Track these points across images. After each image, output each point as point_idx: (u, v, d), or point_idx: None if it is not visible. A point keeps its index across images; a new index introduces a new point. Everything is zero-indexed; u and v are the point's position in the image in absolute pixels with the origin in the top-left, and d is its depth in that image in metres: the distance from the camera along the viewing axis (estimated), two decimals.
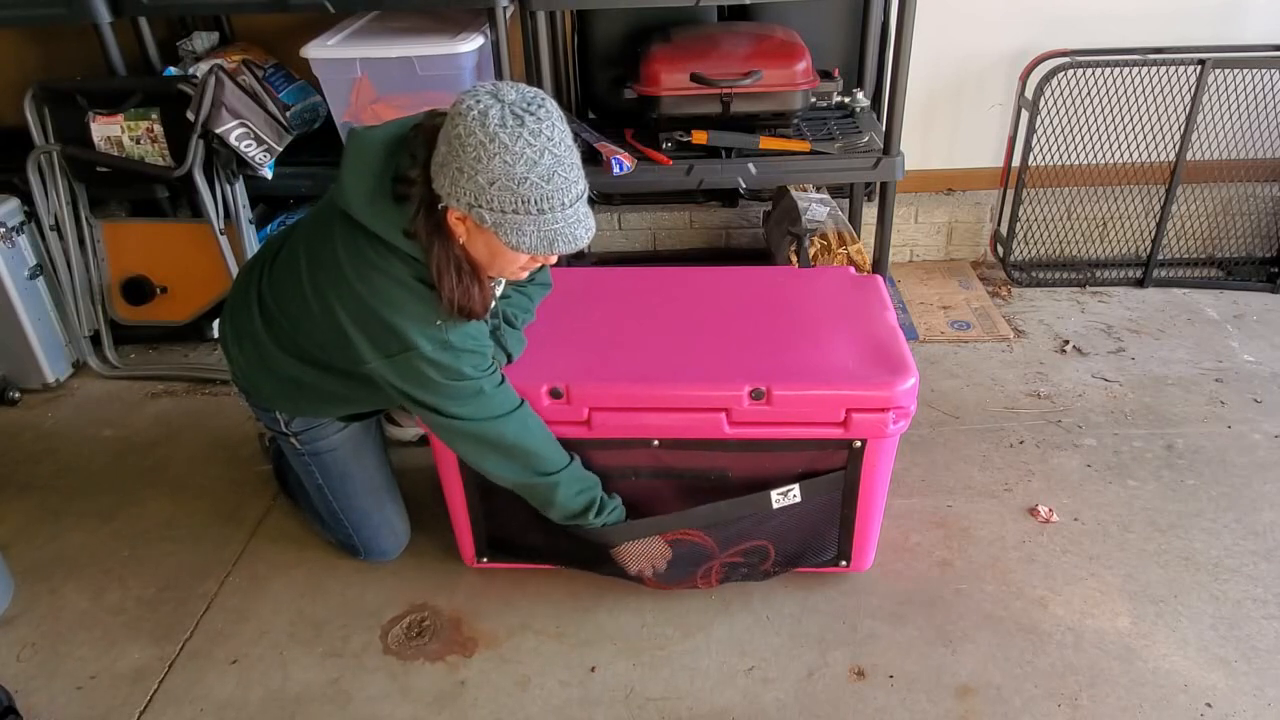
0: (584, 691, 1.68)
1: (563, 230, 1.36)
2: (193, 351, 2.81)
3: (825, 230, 2.66)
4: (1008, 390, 2.46)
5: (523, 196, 1.32)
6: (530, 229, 1.34)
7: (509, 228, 1.34)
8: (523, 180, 1.31)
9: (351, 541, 1.94)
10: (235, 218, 2.49)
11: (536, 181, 1.31)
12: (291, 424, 1.80)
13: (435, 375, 1.50)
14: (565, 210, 1.35)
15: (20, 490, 2.26)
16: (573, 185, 1.36)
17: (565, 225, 1.36)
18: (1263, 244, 3.01)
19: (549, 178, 1.32)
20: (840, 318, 1.81)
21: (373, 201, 1.45)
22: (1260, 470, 2.13)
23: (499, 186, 1.31)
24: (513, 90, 1.34)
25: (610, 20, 2.71)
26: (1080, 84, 2.80)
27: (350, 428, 1.84)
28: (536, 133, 1.30)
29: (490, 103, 1.31)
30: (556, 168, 1.33)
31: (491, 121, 1.29)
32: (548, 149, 1.31)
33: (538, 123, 1.31)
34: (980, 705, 1.62)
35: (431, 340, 1.48)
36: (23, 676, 1.75)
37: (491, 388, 1.56)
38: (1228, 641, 1.72)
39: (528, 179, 1.31)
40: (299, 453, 1.85)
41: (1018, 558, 1.92)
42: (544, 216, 1.34)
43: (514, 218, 1.33)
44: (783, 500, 1.71)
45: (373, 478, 1.91)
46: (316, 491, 1.90)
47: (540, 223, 1.34)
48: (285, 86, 2.69)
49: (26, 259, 2.55)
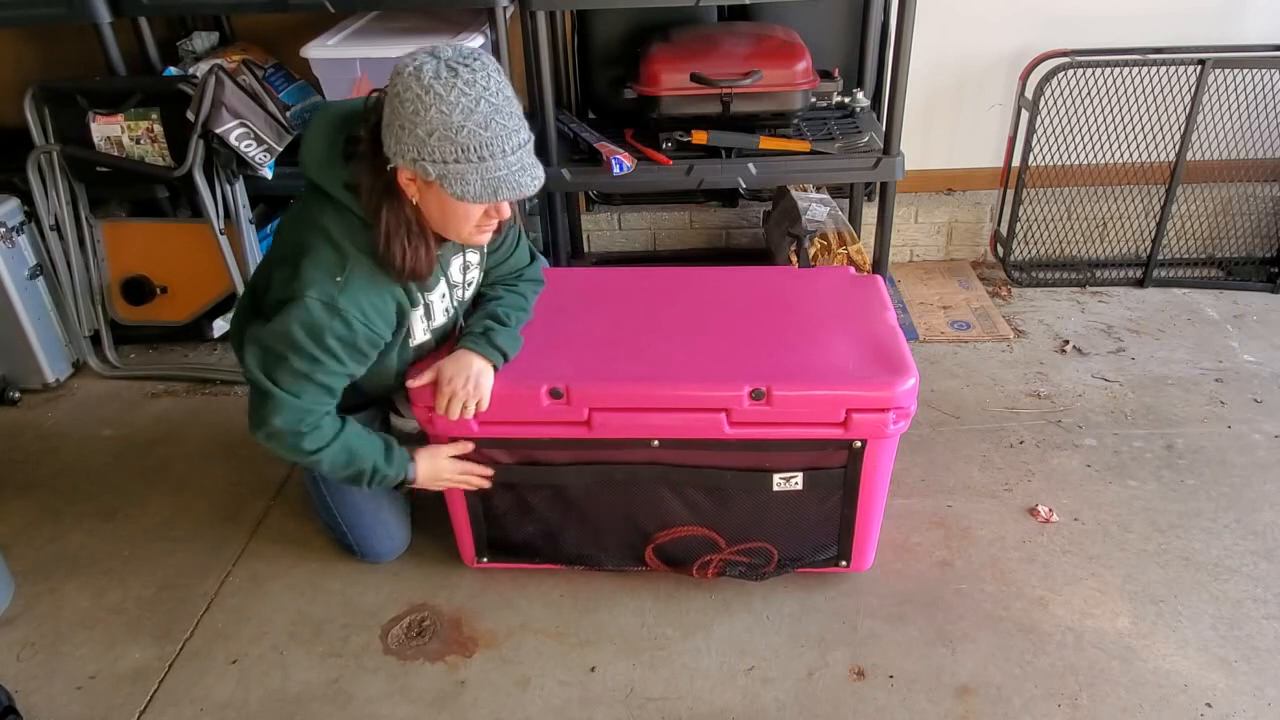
0: (584, 691, 1.68)
1: (506, 177, 1.38)
2: (193, 351, 2.81)
3: (825, 230, 2.66)
4: (1008, 390, 2.46)
5: (461, 145, 1.34)
6: (473, 177, 1.36)
7: (453, 178, 1.37)
8: (460, 128, 1.33)
9: (347, 539, 1.94)
10: (235, 218, 2.49)
11: (474, 129, 1.34)
12: None
13: (296, 324, 1.48)
14: (507, 157, 1.37)
15: (20, 490, 2.26)
16: (513, 133, 1.38)
17: (509, 172, 1.38)
18: (1263, 244, 3.01)
19: (486, 124, 1.34)
20: (840, 318, 1.81)
21: (325, 161, 1.50)
22: (1260, 470, 2.13)
23: (438, 137, 1.34)
24: (449, 49, 1.38)
25: (610, 20, 2.71)
26: (1080, 84, 2.80)
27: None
28: (471, 83, 1.33)
29: (426, 59, 1.35)
30: (494, 115, 1.35)
31: (426, 75, 1.33)
32: (484, 98, 1.34)
33: (472, 74, 1.34)
34: (980, 705, 1.62)
35: (322, 292, 1.48)
36: (23, 676, 1.75)
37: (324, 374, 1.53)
38: (1228, 641, 1.72)
39: (464, 127, 1.33)
40: None
41: (1018, 558, 1.92)
42: (485, 164, 1.36)
43: (456, 167, 1.36)
44: (784, 485, 1.71)
45: None
46: (314, 486, 1.91)
47: (482, 170, 1.36)
48: (285, 86, 2.69)
49: (26, 259, 2.55)
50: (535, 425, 1.68)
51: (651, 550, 1.83)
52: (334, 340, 1.51)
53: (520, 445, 1.73)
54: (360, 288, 1.50)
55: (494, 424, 1.69)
